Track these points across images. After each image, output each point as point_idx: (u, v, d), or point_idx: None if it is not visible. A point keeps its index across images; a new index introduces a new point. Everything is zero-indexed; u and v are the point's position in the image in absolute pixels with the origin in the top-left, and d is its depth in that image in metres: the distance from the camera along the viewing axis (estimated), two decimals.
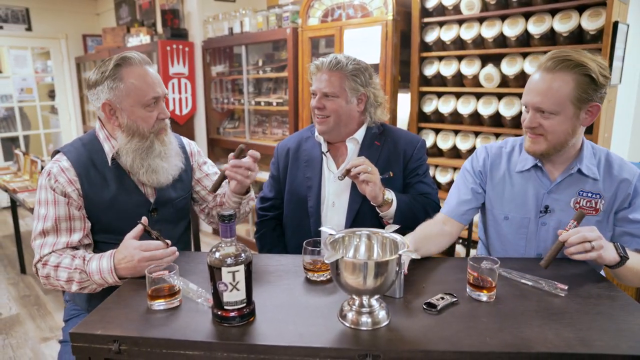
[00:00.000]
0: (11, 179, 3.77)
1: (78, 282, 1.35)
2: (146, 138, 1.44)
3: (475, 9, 2.54)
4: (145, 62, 1.44)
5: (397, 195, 1.61)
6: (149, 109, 1.42)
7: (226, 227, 1.00)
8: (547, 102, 1.27)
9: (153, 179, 1.47)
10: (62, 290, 1.49)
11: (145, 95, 1.40)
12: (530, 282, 1.21)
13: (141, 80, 1.40)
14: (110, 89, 1.39)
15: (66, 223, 1.42)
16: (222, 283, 0.98)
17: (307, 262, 1.27)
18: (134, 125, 1.42)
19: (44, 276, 1.38)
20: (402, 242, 1.04)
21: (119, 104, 1.40)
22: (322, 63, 1.67)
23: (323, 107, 1.65)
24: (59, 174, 1.41)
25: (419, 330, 0.99)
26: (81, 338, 1.01)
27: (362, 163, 1.53)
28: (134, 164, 1.44)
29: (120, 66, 1.39)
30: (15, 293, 3.41)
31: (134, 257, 1.27)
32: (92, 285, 1.36)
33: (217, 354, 0.96)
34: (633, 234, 1.36)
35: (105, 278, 1.32)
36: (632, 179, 1.36)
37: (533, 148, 1.37)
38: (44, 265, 1.38)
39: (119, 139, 1.44)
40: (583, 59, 1.25)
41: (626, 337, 0.95)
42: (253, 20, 3.82)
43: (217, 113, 4.52)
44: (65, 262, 1.36)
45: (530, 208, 1.45)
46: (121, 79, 1.38)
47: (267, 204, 1.87)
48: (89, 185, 1.43)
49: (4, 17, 5.36)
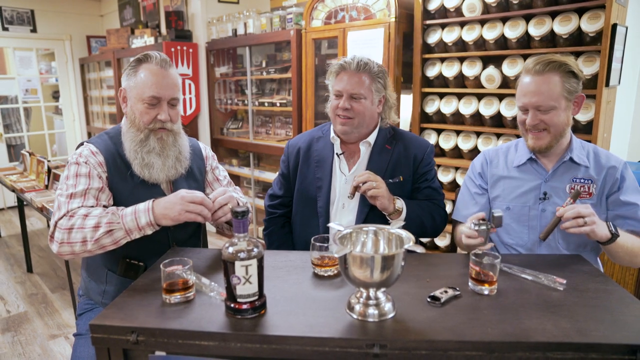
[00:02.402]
0: (18, 179, 3.81)
1: (107, 223, 1.34)
2: (141, 131, 1.52)
3: (477, 11, 2.58)
4: (164, 63, 1.52)
5: (407, 203, 1.64)
6: (148, 107, 1.49)
7: (239, 223, 1.04)
8: (544, 100, 1.44)
9: (145, 173, 1.52)
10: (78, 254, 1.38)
11: (144, 92, 1.48)
12: (530, 276, 1.26)
13: (148, 77, 1.48)
14: (128, 78, 1.52)
15: (95, 192, 1.45)
16: (236, 276, 1.03)
17: (315, 258, 1.31)
18: (132, 116, 1.52)
19: (66, 228, 1.35)
20: (407, 237, 1.09)
21: (129, 93, 1.52)
22: (350, 64, 1.66)
23: (350, 107, 1.65)
24: (90, 155, 1.49)
25: (423, 322, 1.03)
26: (100, 329, 1.05)
27: (368, 179, 1.56)
28: (130, 153, 1.52)
29: (141, 61, 1.51)
30: (22, 291, 3.46)
31: (177, 195, 1.35)
32: (119, 232, 1.35)
33: (231, 344, 1.01)
34: (624, 216, 1.49)
35: (138, 218, 1.35)
36: (618, 166, 1.52)
37: (538, 144, 1.50)
38: (71, 217, 1.37)
39: (123, 125, 1.57)
40: (564, 59, 1.45)
41: (621, 327, 0.99)
42: (257, 22, 3.86)
43: (221, 113, 4.57)
44: (96, 211, 1.37)
45: (530, 197, 1.57)
46: (136, 71, 1.50)
47: (276, 202, 1.89)
48: (114, 173, 1.50)
49: (10, 18, 5.41)
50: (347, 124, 1.68)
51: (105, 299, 1.57)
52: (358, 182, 1.57)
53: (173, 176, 1.58)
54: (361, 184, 1.57)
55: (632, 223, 1.48)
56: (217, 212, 1.46)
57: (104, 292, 1.57)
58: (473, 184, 1.71)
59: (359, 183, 1.57)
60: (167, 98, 1.51)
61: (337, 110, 1.69)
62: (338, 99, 1.69)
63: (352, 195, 1.59)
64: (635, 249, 1.42)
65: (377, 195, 1.56)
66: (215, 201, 1.46)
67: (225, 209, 1.47)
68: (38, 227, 5.10)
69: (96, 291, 1.59)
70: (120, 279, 1.55)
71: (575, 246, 1.53)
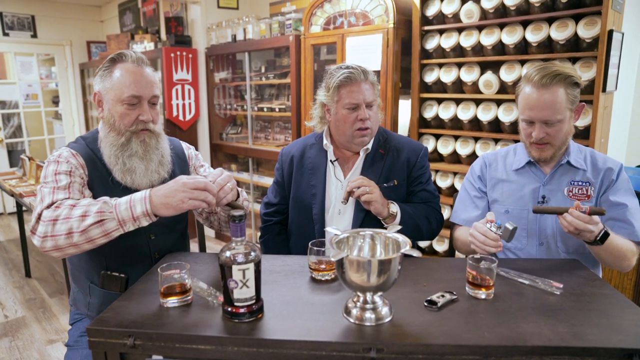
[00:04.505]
0: (17, 183, 3.82)
1: (97, 212, 1.21)
2: (121, 134, 1.43)
3: (475, 17, 2.60)
4: (140, 61, 1.44)
5: (401, 207, 1.65)
6: (128, 108, 1.41)
7: (237, 227, 1.04)
8: (552, 114, 1.44)
9: (127, 178, 1.42)
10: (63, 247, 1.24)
11: (124, 92, 1.40)
12: (527, 281, 1.26)
13: (125, 77, 1.40)
14: (102, 80, 1.43)
15: (80, 187, 1.38)
16: (233, 280, 1.03)
17: (312, 262, 1.31)
18: (111, 119, 1.43)
19: (51, 219, 1.23)
20: (404, 241, 1.09)
21: (105, 96, 1.43)
22: (357, 73, 1.63)
23: (368, 117, 1.64)
24: (70, 157, 1.41)
25: (420, 326, 1.04)
26: (97, 333, 1.05)
27: (361, 184, 1.56)
28: (110, 159, 1.43)
29: (115, 61, 1.43)
30: (20, 296, 3.45)
31: (179, 182, 1.23)
32: (111, 223, 1.22)
33: (228, 348, 1.01)
34: (614, 217, 1.49)
35: (134, 207, 1.22)
36: (615, 167, 1.53)
37: (544, 155, 1.52)
38: (56, 208, 1.25)
39: (101, 131, 1.47)
40: (567, 70, 1.45)
41: (617, 331, 0.99)
42: (256, 28, 3.89)
43: (220, 119, 4.58)
44: (85, 201, 1.27)
45: (528, 200, 1.58)
46: (110, 72, 1.42)
47: (272, 209, 1.89)
48: (95, 177, 1.42)
49: (10, 24, 5.44)
50: (367, 134, 1.67)
51: (90, 311, 1.51)
52: (352, 187, 1.57)
53: (156, 181, 1.46)
54: (355, 189, 1.57)
55: (621, 225, 1.47)
56: (218, 194, 1.34)
57: (89, 304, 1.51)
58: (472, 187, 1.71)
59: (353, 188, 1.57)
60: (148, 96, 1.43)
61: (357, 124, 1.64)
62: (353, 112, 1.64)
63: (346, 200, 1.60)
64: (620, 252, 1.40)
65: (371, 200, 1.56)
66: (215, 183, 1.34)
67: (226, 188, 1.36)
68: None
69: (82, 302, 1.54)
70: (102, 292, 1.48)
71: (574, 249, 1.53)
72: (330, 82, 1.67)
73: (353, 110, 1.64)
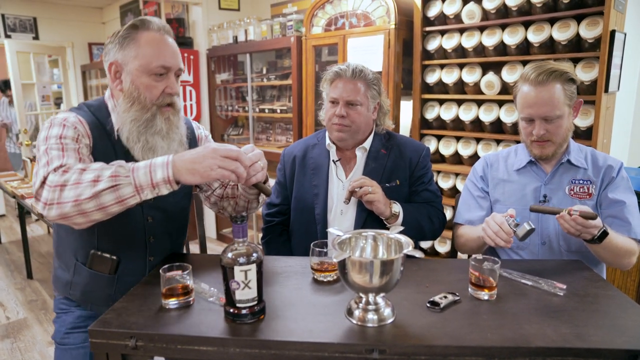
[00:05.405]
0: (19, 185, 3.82)
1: (111, 177, 1.09)
2: (147, 109, 1.30)
3: (476, 18, 2.60)
4: (166, 30, 1.33)
5: (404, 207, 1.64)
6: (156, 79, 1.29)
7: (239, 228, 1.04)
8: (551, 110, 1.45)
9: (148, 157, 1.26)
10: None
11: (152, 62, 1.28)
12: (530, 282, 1.26)
13: (153, 46, 1.28)
14: (120, 48, 1.29)
15: (88, 152, 1.26)
16: (235, 281, 1.03)
17: (314, 263, 1.31)
18: (135, 92, 1.29)
19: (58, 185, 1.10)
20: (406, 242, 1.09)
21: (125, 66, 1.29)
22: (345, 71, 1.65)
23: (346, 115, 1.65)
24: (77, 123, 1.27)
25: (423, 327, 1.03)
26: (99, 334, 1.05)
27: (363, 184, 1.56)
28: (131, 137, 1.30)
29: (137, 27, 1.29)
30: (22, 298, 3.45)
31: (208, 147, 1.11)
32: (127, 189, 1.09)
33: (230, 350, 1.00)
34: (613, 215, 1.49)
35: (153, 172, 1.09)
36: (615, 165, 1.54)
37: (545, 152, 1.52)
38: (64, 172, 1.12)
39: (118, 106, 1.32)
40: (563, 67, 1.47)
41: (621, 332, 0.99)
42: (257, 29, 3.89)
43: (222, 120, 4.58)
44: (96, 165, 1.14)
45: (530, 200, 1.58)
46: (133, 40, 1.28)
47: (274, 210, 1.89)
48: (100, 150, 1.30)
49: (12, 26, 5.45)
50: (343, 130, 1.68)
51: (73, 290, 1.40)
52: (354, 187, 1.57)
53: None
54: (357, 189, 1.57)
55: (619, 222, 1.47)
56: (248, 170, 1.19)
57: (72, 283, 1.40)
58: (475, 188, 1.71)
59: (355, 188, 1.57)
60: (176, 68, 1.33)
61: (334, 118, 1.67)
62: (334, 106, 1.68)
63: (348, 200, 1.60)
64: (619, 250, 1.40)
65: (373, 200, 1.56)
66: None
67: (256, 166, 1.22)
68: (38, 233, 5.10)
69: (62, 281, 1.42)
70: (89, 272, 1.37)
71: (576, 247, 1.52)
72: (324, 78, 1.74)
73: (333, 105, 1.69)
